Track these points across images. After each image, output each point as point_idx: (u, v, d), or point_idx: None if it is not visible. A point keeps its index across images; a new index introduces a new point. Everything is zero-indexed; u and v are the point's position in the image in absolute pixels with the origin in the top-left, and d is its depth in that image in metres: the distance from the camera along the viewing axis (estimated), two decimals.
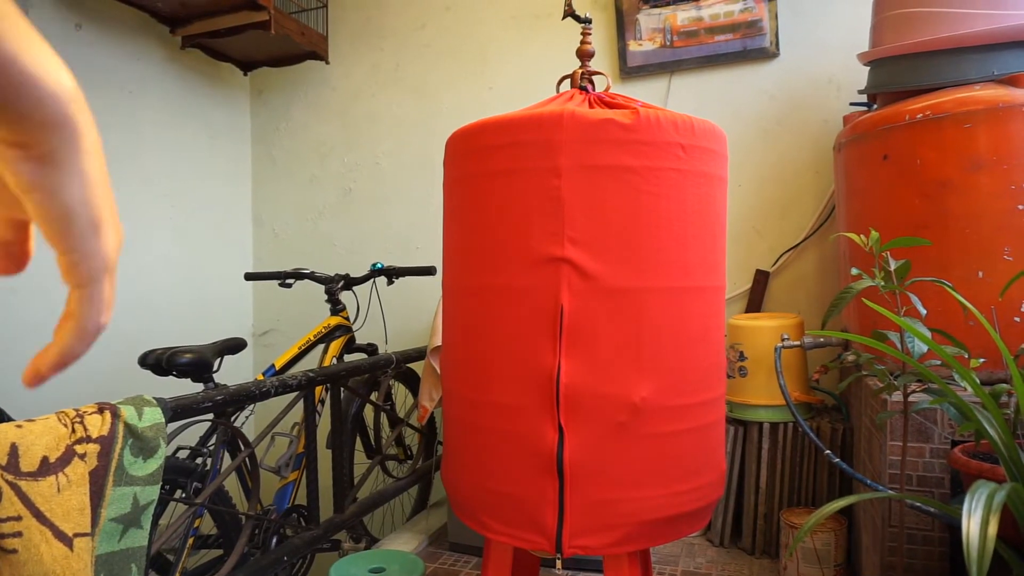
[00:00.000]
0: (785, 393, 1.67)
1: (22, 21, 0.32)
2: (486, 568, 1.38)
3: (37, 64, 0.32)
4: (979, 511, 0.84)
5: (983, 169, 1.49)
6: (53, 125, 0.33)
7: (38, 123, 0.33)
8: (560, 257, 1.22)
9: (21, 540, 1.01)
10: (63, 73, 0.33)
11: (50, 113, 0.33)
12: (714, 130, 1.31)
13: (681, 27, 2.38)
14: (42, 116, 0.33)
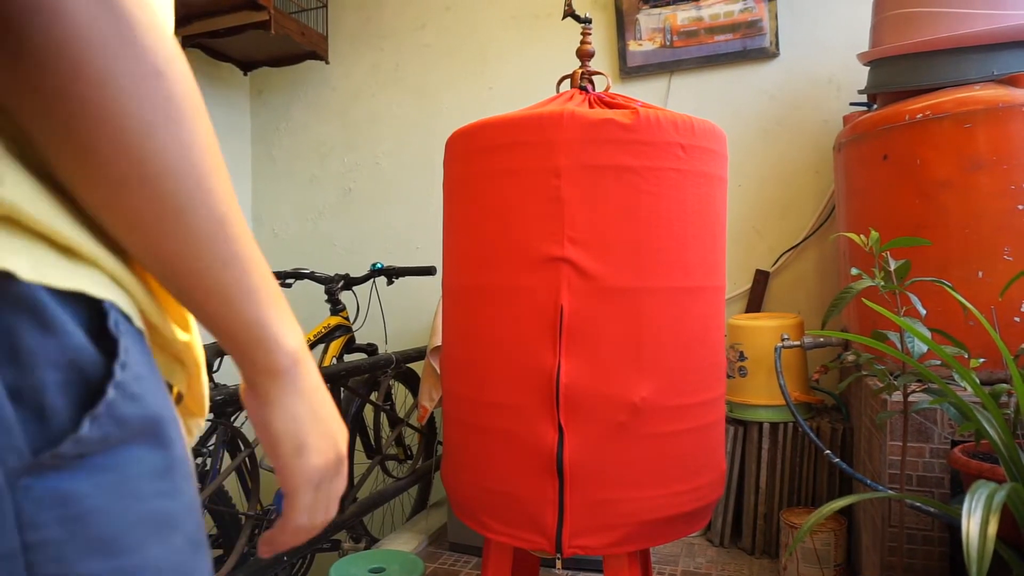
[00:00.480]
0: (785, 393, 1.67)
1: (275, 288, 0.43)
2: (486, 568, 1.38)
3: (279, 327, 0.43)
4: (979, 511, 0.84)
5: (983, 169, 1.49)
6: (275, 373, 0.44)
7: (262, 369, 0.44)
8: (560, 257, 1.22)
9: None
10: (294, 335, 0.44)
11: (276, 364, 0.43)
12: (714, 130, 1.31)
13: (681, 27, 2.38)
14: (268, 365, 0.44)
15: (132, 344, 0.37)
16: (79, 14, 0.31)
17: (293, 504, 0.47)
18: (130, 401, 0.35)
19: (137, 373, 0.36)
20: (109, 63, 0.32)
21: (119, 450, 0.35)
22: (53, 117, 0.32)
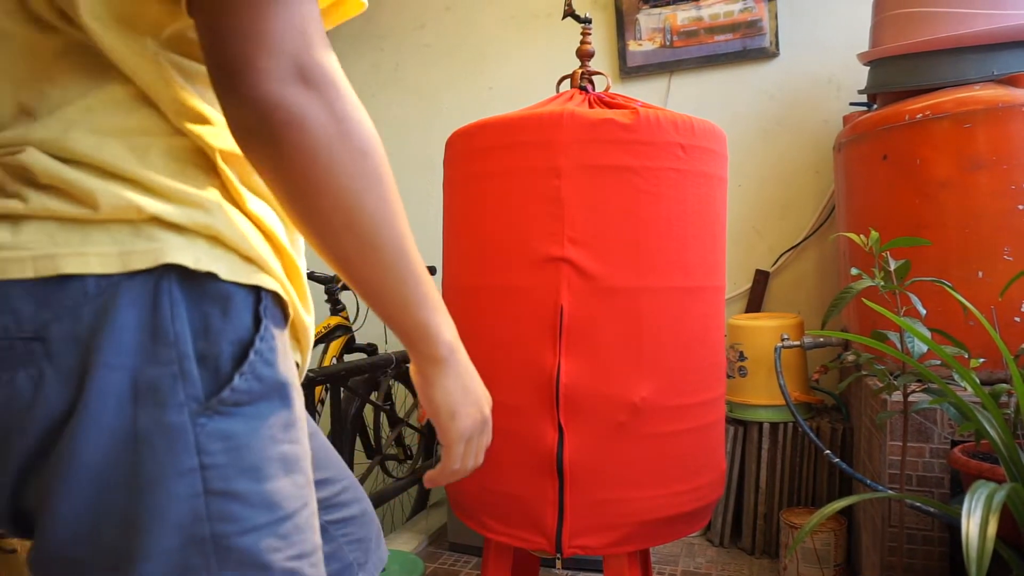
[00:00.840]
0: (785, 393, 1.67)
1: (437, 296, 0.58)
2: (486, 568, 1.38)
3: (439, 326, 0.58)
4: (979, 511, 0.84)
5: (983, 169, 1.49)
6: (435, 360, 0.60)
7: (426, 357, 0.60)
8: (560, 257, 1.22)
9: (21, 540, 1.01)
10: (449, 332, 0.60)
11: (436, 353, 0.59)
12: (714, 130, 1.31)
13: (681, 27, 2.38)
14: (430, 354, 0.59)
15: (273, 325, 0.51)
16: (318, 126, 0.46)
17: (448, 454, 0.65)
18: (266, 366, 0.49)
19: (272, 346, 0.50)
20: (334, 154, 0.47)
21: (260, 404, 0.49)
22: (293, 187, 0.48)
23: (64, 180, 0.46)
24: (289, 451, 0.51)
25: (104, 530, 0.46)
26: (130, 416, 0.45)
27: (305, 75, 0.45)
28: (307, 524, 0.53)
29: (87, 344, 0.45)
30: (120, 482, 0.45)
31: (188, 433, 0.46)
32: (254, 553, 0.48)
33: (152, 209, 0.46)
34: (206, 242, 0.48)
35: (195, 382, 0.46)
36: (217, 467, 0.47)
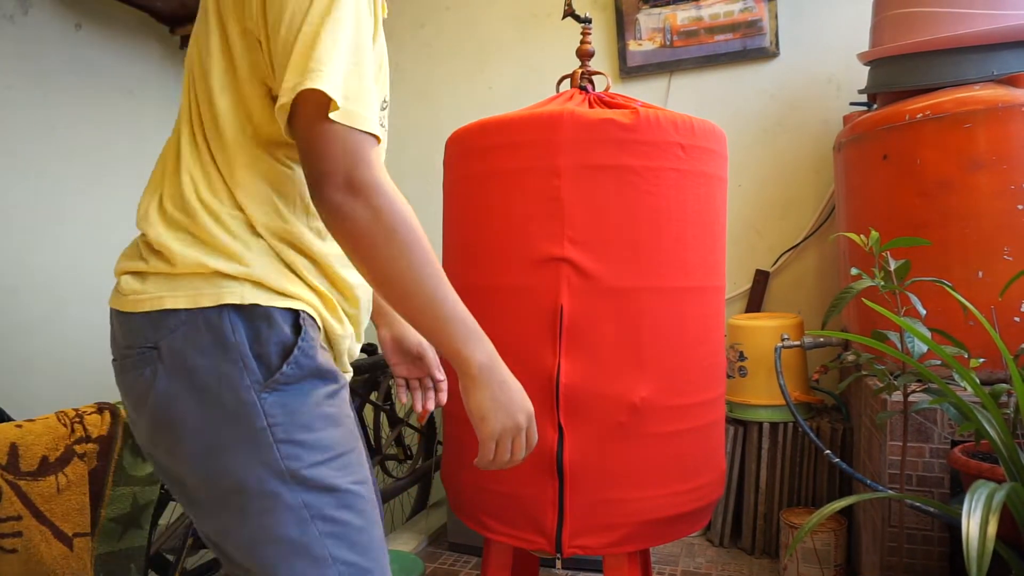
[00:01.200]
0: (785, 393, 1.67)
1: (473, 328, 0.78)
2: (486, 568, 1.38)
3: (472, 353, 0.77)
4: (979, 511, 0.84)
5: (983, 169, 1.49)
6: (469, 377, 0.78)
7: (462, 374, 0.79)
8: (560, 257, 1.22)
9: (21, 540, 1.01)
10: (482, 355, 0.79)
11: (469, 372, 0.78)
12: (714, 130, 1.31)
13: (681, 27, 2.38)
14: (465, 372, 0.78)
15: (310, 331, 0.75)
16: (361, 221, 0.68)
17: (480, 448, 0.82)
18: (305, 358, 0.73)
19: (311, 345, 0.74)
20: (374, 238, 0.69)
21: (303, 383, 0.73)
22: (354, 258, 0.72)
23: (164, 246, 0.73)
24: (332, 412, 0.75)
25: (225, 475, 0.71)
26: (219, 395, 0.70)
27: (351, 184, 0.68)
28: (357, 461, 0.76)
29: (182, 351, 0.71)
30: (215, 434, 0.71)
31: (256, 404, 0.70)
32: (320, 479, 0.72)
33: (214, 266, 0.72)
34: (251, 285, 0.73)
35: (255, 371, 0.71)
36: (280, 425, 0.71)
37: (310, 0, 0.68)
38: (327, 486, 0.72)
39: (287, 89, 0.67)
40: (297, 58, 0.67)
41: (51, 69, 2.13)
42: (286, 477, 0.70)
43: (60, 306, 2.16)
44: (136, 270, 0.76)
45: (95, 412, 1.18)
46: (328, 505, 0.72)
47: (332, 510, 0.72)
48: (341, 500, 0.73)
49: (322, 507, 0.71)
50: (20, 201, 2.06)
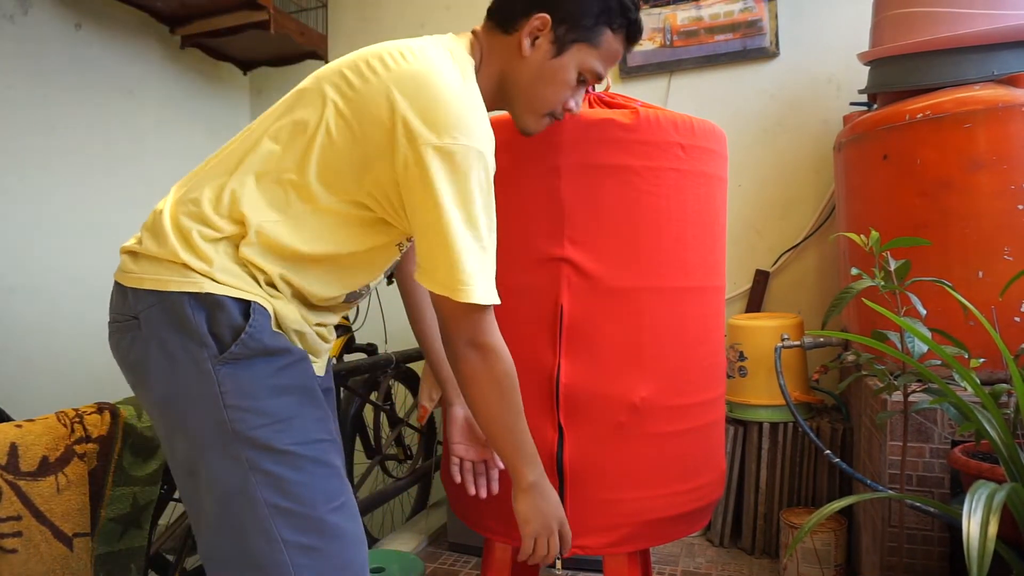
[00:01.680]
0: (785, 393, 1.66)
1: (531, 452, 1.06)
2: (486, 568, 1.38)
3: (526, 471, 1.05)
4: (979, 511, 0.84)
5: (983, 169, 1.49)
6: (520, 488, 1.06)
7: (514, 484, 1.07)
8: (560, 257, 1.22)
9: (21, 540, 1.01)
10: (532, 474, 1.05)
11: (520, 485, 1.06)
12: (714, 130, 1.31)
13: (681, 27, 2.38)
14: (517, 484, 1.06)
15: (260, 319, 0.89)
16: (477, 371, 0.97)
17: (523, 544, 1.08)
18: (252, 340, 0.87)
19: (258, 329, 0.88)
20: (483, 385, 0.98)
21: (251, 360, 0.87)
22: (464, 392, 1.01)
23: (163, 238, 0.90)
24: (279, 383, 0.89)
25: (177, 417, 0.89)
26: (180, 362, 0.87)
27: (475, 344, 0.95)
28: (302, 425, 0.89)
29: (152, 324, 0.88)
30: (180, 395, 0.88)
31: (212, 374, 0.86)
32: (259, 439, 0.86)
33: (184, 259, 0.88)
34: (210, 281, 0.88)
35: (211, 347, 0.86)
36: (229, 392, 0.86)
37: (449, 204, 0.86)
38: (265, 445, 0.86)
39: (436, 283, 0.89)
40: (442, 260, 0.88)
41: (51, 69, 2.13)
42: (231, 435, 0.86)
43: (60, 306, 2.16)
44: (132, 250, 0.93)
45: (95, 412, 1.18)
46: (265, 461, 0.86)
47: (269, 465, 0.86)
48: (277, 458, 0.86)
49: (260, 461, 0.86)
50: (19, 200, 2.06)
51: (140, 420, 1.23)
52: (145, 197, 2.48)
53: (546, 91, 1.03)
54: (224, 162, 0.94)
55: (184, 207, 0.92)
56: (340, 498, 0.91)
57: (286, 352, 0.90)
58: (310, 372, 0.95)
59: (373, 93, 0.88)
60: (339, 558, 0.90)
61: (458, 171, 0.85)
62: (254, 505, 0.85)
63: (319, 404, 0.94)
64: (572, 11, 1.00)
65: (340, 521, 0.90)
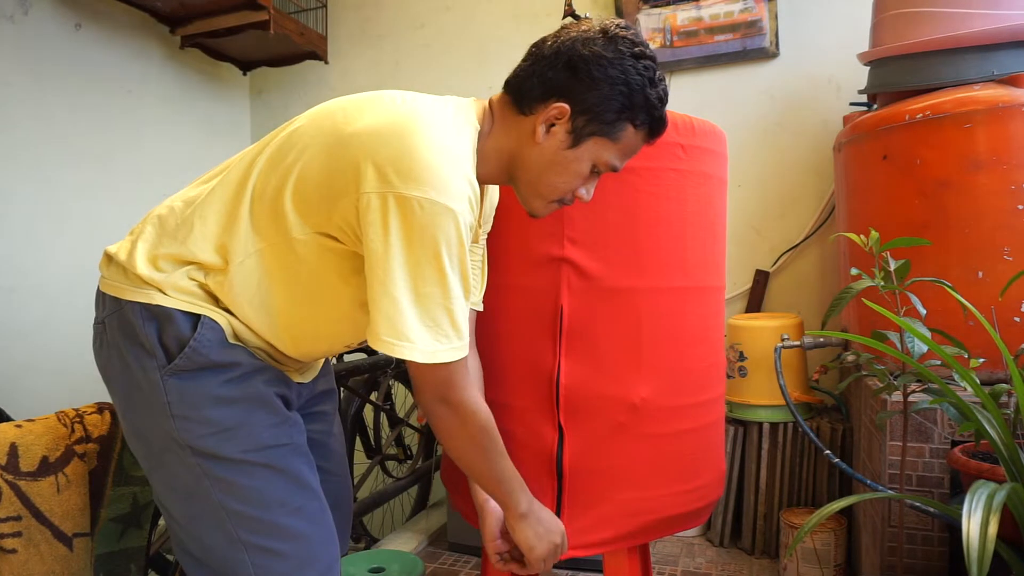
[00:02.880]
0: (785, 393, 1.66)
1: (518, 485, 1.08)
2: (486, 568, 1.38)
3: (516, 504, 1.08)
4: (979, 511, 0.84)
5: (983, 169, 1.49)
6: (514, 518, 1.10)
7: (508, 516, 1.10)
8: (560, 257, 1.22)
9: (21, 540, 1.01)
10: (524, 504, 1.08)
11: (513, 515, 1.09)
12: (714, 130, 1.31)
13: (681, 27, 2.38)
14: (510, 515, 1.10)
15: (207, 332, 0.89)
16: (449, 425, 0.96)
17: (530, 567, 1.12)
18: (197, 354, 0.88)
19: (204, 343, 0.89)
20: (457, 438, 0.98)
21: (199, 372, 0.89)
22: (442, 445, 1.03)
23: (133, 248, 0.93)
24: (224, 394, 0.90)
25: (136, 421, 0.92)
26: (133, 369, 0.90)
27: (445, 400, 0.92)
28: (249, 432, 0.90)
29: (112, 331, 0.92)
30: (135, 401, 0.91)
31: (160, 384, 0.88)
32: (205, 448, 0.89)
33: (141, 271, 0.91)
34: (159, 293, 0.90)
35: (160, 357, 0.88)
36: (175, 403, 0.88)
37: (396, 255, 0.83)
38: (212, 454, 0.89)
39: (374, 336, 0.85)
40: (383, 314, 0.84)
41: (51, 69, 2.13)
42: (181, 443, 0.89)
43: (59, 306, 2.16)
44: (110, 253, 0.96)
45: (95, 412, 1.18)
46: (216, 468, 0.89)
47: (220, 472, 0.89)
48: (226, 465, 0.89)
49: (211, 468, 0.89)
50: (19, 200, 2.06)
51: None
52: (144, 197, 2.48)
53: (557, 180, 0.97)
54: (216, 188, 0.94)
55: (162, 221, 0.94)
56: (296, 502, 0.92)
57: (235, 365, 0.91)
58: (265, 381, 0.94)
59: (356, 130, 0.87)
60: (299, 559, 0.92)
61: (415, 225, 0.81)
62: (213, 507, 0.89)
63: (274, 411, 0.94)
64: (593, 104, 0.92)
65: (297, 524, 0.91)
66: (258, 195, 0.91)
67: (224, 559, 0.90)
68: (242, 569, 0.89)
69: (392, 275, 0.83)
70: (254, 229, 0.91)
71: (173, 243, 0.92)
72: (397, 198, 0.81)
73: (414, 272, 0.83)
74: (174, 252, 0.91)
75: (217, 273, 0.91)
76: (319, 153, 0.88)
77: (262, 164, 0.92)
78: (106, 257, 0.96)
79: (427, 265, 0.83)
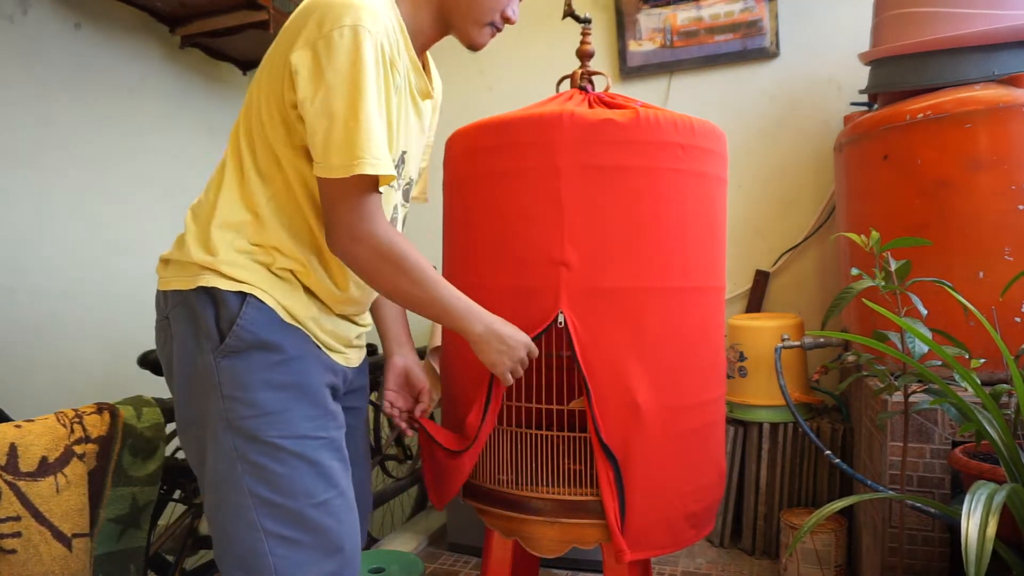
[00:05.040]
0: (785, 393, 1.66)
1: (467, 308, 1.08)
2: (486, 568, 1.38)
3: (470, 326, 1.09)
4: (979, 512, 0.84)
5: (983, 169, 1.49)
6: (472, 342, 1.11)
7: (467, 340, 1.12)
8: (559, 257, 1.22)
9: (20, 540, 1.01)
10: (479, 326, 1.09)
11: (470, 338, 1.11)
12: (713, 130, 1.31)
13: (681, 27, 2.38)
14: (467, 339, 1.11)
15: (253, 312, 0.94)
16: (364, 259, 0.96)
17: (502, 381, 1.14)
18: (246, 332, 0.93)
19: (252, 320, 0.93)
20: (376, 269, 0.97)
21: (247, 353, 0.93)
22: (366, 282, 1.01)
23: (183, 242, 0.98)
24: (273, 378, 0.94)
25: (192, 408, 0.96)
26: (192, 359, 0.95)
27: (354, 235, 0.93)
28: (290, 419, 0.94)
29: (177, 322, 0.96)
30: (193, 386, 0.95)
31: (212, 365, 0.93)
32: (247, 429, 0.92)
33: (196, 258, 0.95)
34: (216, 276, 0.94)
35: (213, 339, 0.93)
36: (225, 384, 0.92)
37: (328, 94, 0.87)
38: (252, 435, 0.91)
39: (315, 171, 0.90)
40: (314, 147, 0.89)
41: (50, 69, 2.13)
42: (225, 423, 0.92)
43: (59, 306, 2.15)
44: (164, 257, 1.01)
45: (94, 412, 1.17)
46: (252, 451, 0.91)
47: (255, 455, 0.91)
48: (262, 449, 0.91)
49: (247, 451, 0.91)
50: (19, 200, 2.06)
51: (139, 420, 1.23)
52: (144, 197, 2.48)
53: (485, 1, 1.07)
54: (222, 163, 1.02)
55: (196, 211, 1.00)
56: (322, 495, 0.94)
57: (282, 348, 0.95)
58: (310, 370, 0.98)
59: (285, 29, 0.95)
60: (317, 551, 0.93)
61: (333, 52, 0.87)
62: (240, 494, 0.91)
63: (316, 403, 0.97)
64: None
65: (319, 516, 0.93)
66: (248, 144, 0.98)
67: (242, 550, 0.91)
68: (262, 559, 0.90)
69: (316, 107, 0.87)
70: (259, 175, 0.97)
71: (212, 222, 0.96)
72: (316, 43, 0.87)
73: (331, 94, 0.87)
74: (216, 228, 0.95)
75: (255, 227, 0.96)
76: (262, 74, 0.97)
77: (242, 121, 1.00)
78: (162, 262, 1.01)
79: (343, 84, 0.87)
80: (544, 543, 1.26)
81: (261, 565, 0.90)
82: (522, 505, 1.25)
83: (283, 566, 0.91)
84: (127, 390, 1.47)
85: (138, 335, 2.37)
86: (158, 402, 1.30)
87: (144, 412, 1.25)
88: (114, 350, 2.28)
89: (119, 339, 2.31)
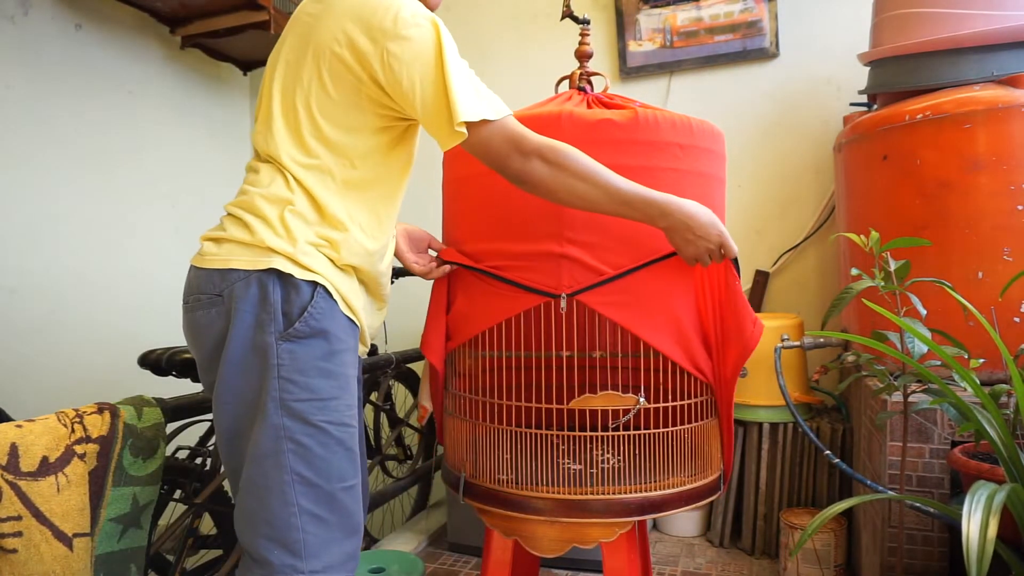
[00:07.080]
0: (785, 393, 1.66)
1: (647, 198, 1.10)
2: (486, 568, 1.38)
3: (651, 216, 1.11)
4: (979, 512, 0.84)
5: (983, 169, 1.49)
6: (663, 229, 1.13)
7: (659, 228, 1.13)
8: (559, 257, 1.22)
9: (21, 540, 1.01)
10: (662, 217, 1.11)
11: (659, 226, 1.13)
12: (712, 130, 1.31)
13: (681, 27, 2.38)
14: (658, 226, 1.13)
15: (321, 301, 0.99)
16: (537, 174, 1.04)
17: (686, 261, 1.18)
18: (313, 319, 0.98)
19: (320, 310, 0.99)
20: (553, 180, 1.04)
21: (310, 339, 0.98)
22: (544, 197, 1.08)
23: (245, 223, 1.01)
24: (326, 367, 0.99)
25: (237, 381, 0.99)
26: (251, 336, 0.97)
27: (523, 151, 1.02)
28: (337, 407, 0.99)
29: (238, 298, 0.98)
30: (246, 362, 0.98)
31: (273, 347, 0.96)
32: (298, 411, 0.96)
33: (271, 243, 0.98)
34: (289, 261, 0.98)
35: (279, 323, 0.97)
36: (284, 366, 0.96)
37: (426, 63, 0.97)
38: (302, 418, 0.96)
39: (455, 132, 0.98)
40: (445, 113, 0.97)
41: (51, 69, 2.13)
42: (278, 402, 0.96)
43: (59, 306, 2.16)
44: (215, 237, 1.04)
45: (95, 412, 1.18)
46: (298, 432, 0.96)
47: (301, 436, 0.96)
48: (310, 431, 0.97)
49: (294, 432, 0.96)
50: (20, 201, 2.06)
51: (140, 420, 1.23)
52: (145, 197, 2.48)
53: None
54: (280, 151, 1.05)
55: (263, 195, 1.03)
56: (351, 480, 1.01)
57: (339, 338, 1.01)
58: (355, 362, 1.05)
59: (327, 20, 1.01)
60: (343, 530, 1.00)
61: (420, 44, 0.97)
62: (281, 470, 0.96)
63: (353, 394, 1.04)
64: None
65: (347, 499, 1.00)
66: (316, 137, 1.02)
67: (275, 522, 0.96)
68: (294, 532, 0.96)
69: (427, 85, 0.97)
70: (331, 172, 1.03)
71: (284, 209, 1.00)
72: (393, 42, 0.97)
73: (440, 71, 0.97)
74: (291, 216, 0.99)
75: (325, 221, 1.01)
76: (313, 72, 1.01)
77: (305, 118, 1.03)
78: (213, 241, 1.03)
79: (439, 64, 0.97)
80: (544, 543, 1.26)
81: (292, 539, 0.95)
82: (522, 505, 1.25)
83: (312, 542, 0.96)
84: (127, 390, 1.48)
85: (138, 335, 2.37)
86: (158, 402, 1.30)
87: (145, 412, 1.25)
88: (114, 350, 2.28)
89: (119, 339, 2.31)
